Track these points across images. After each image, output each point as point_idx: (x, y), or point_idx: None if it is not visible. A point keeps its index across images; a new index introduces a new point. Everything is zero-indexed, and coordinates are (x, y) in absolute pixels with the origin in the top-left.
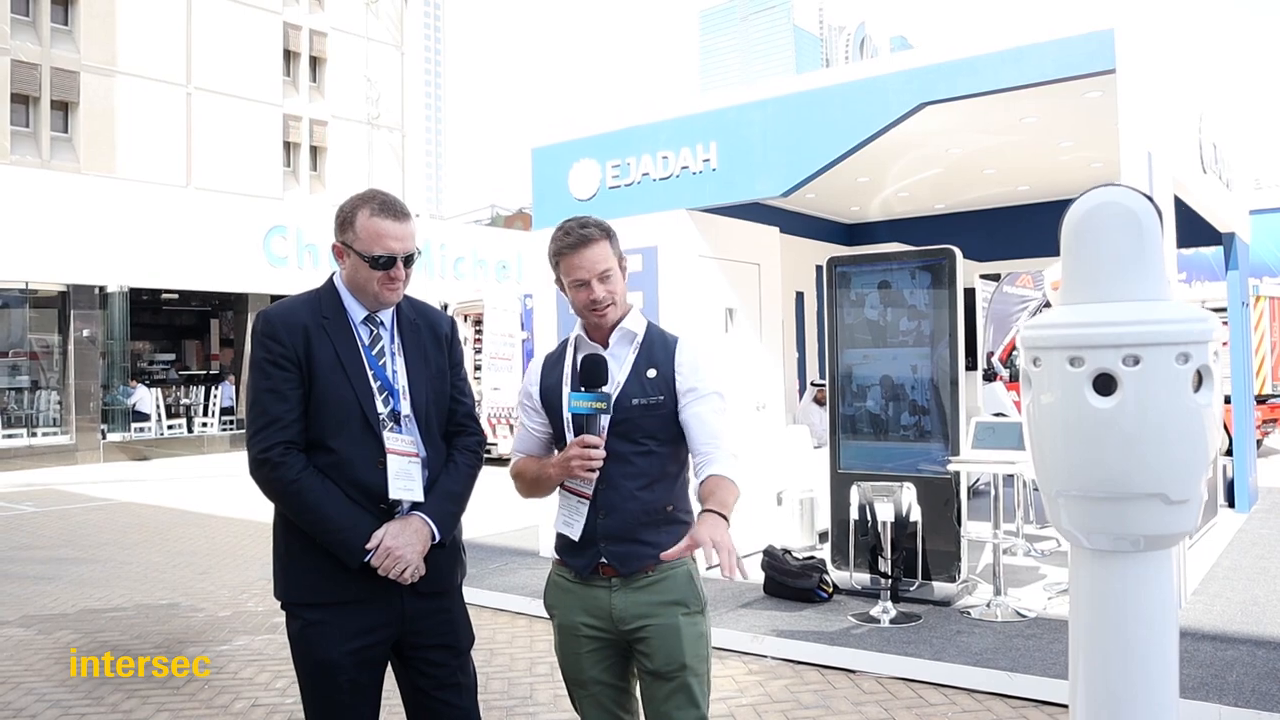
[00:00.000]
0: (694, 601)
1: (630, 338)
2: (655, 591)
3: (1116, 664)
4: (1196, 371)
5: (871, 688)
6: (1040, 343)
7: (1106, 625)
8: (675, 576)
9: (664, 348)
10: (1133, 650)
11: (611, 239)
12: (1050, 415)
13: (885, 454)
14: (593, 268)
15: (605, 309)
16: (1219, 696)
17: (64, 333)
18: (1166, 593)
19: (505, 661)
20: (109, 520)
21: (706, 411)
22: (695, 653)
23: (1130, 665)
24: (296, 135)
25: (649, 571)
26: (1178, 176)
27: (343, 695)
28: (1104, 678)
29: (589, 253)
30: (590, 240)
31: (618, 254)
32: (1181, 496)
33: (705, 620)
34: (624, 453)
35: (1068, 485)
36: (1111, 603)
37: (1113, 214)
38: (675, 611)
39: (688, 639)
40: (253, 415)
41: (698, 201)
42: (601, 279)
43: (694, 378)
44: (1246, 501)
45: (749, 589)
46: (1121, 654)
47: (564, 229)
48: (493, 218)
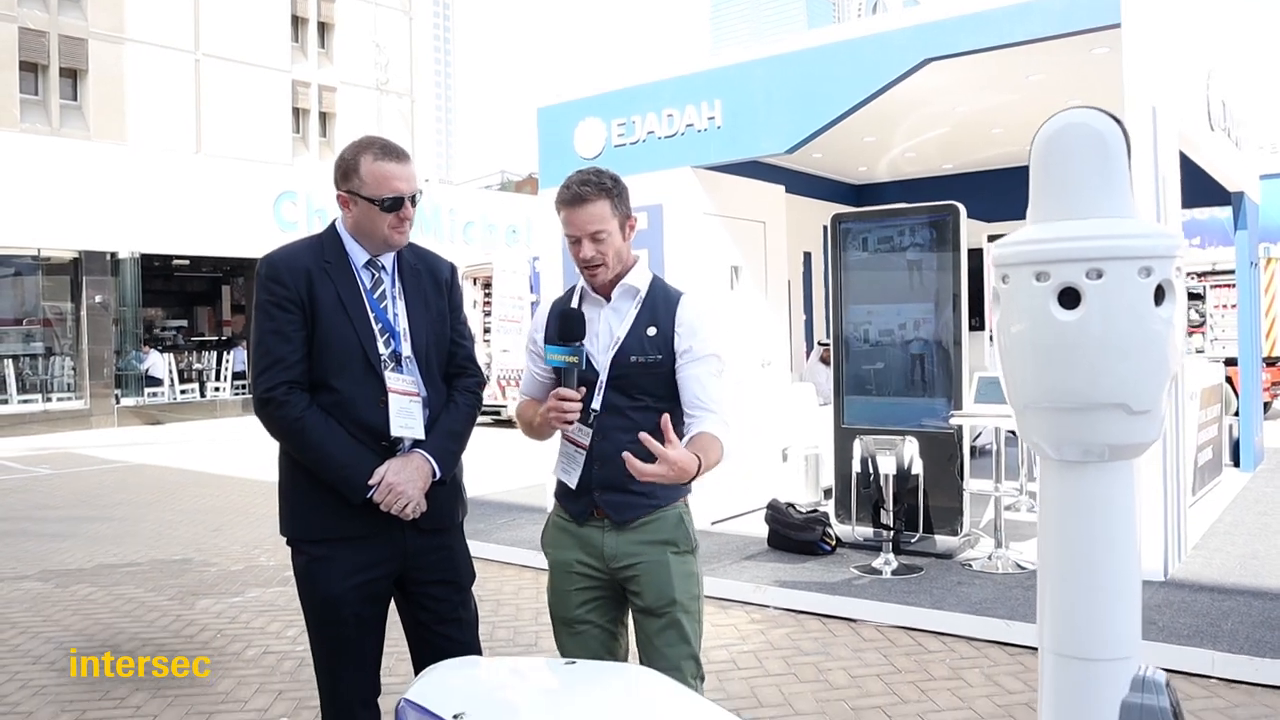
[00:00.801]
0: (684, 542)
1: (633, 293)
2: (646, 532)
3: (1083, 570)
4: (1159, 286)
5: (871, 635)
6: (1008, 259)
7: (1073, 533)
8: (666, 518)
9: (666, 306)
10: (1098, 556)
11: (613, 197)
12: (1017, 329)
13: (888, 409)
14: (584, 226)
15: (595, 268)
16: (1213, 643)
17: (76, 299)
18: (1130, 501)
19: (511, 611)
20: (123, 481)
21: (702, 374)
22: (685, 590)
23: (1096, 571)
24: (305, 101)
25: (643, 517)
26: (1184, 133)
27: (347, 629)
28: (1072, 584)
29: (582, 211)
30: (585, 199)
31: (621, 213)
32: (1143, 407)
33: (695, 560)
34: (620, 407)
35: (1035, 398)
36: (1079, 512)
37: (1079, 135)
38: (665, 550)
39: (677, 576)
40: (257, 356)
41: (703, 159)
42: (594, 239)
43: (692, 338)
44: (1252, 461)
45: (753, 542)
46: (1087, 559)
47: (567, 182)
48: (503, 183)
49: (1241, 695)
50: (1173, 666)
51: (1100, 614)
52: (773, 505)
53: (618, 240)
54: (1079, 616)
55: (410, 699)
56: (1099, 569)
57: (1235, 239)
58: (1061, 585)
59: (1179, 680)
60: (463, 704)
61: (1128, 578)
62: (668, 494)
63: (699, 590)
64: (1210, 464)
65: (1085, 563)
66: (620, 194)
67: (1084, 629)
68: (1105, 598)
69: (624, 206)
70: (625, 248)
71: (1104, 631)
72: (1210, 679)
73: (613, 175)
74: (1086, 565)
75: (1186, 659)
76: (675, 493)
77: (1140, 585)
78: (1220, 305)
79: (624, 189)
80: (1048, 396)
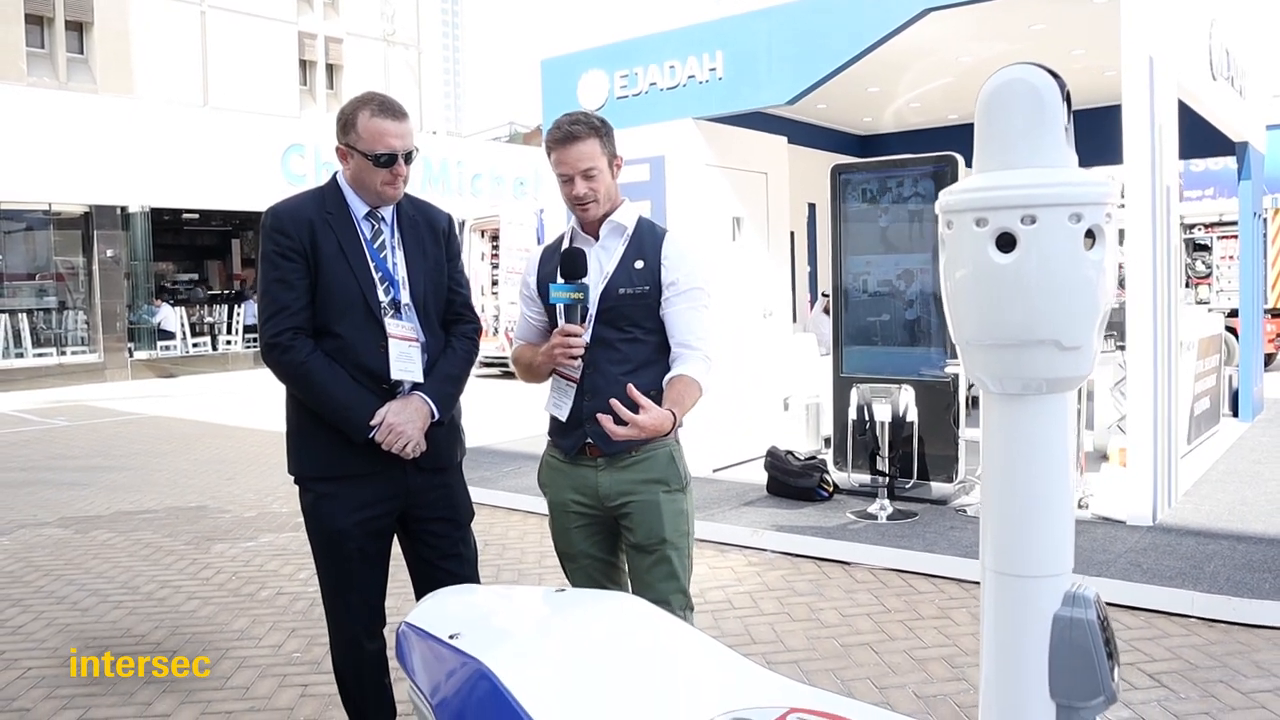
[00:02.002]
0: (675, 480)
1: (620, 231)
2: (638, 470)
3: (1022, 495)
4: (1089, 231)
5: (864, 577)
6: (952, 207)
7: (1013, 460)
8: (657, 457)
9: (652, 241)
10: (1035, 481)
11: (602, 136)
12: (960, 272)
13: (886, 358)
14: (576, 164)
15: (587, 205)
16: (1194, 584)
17: (88, 254)
18: (1064, 431)
19: (516, 555)
20: (138, 432)
21: (686, 308)
22: (675, 527)
23: (1033, 495)
24: (312, 53)
25: (632, 452)
26: (1183, 83)
27: (352, 562)
28: (1011, 507)
29: (574, 149)
30: (576, 137)
31: (609, 152)
32: (1074, 343)
33: (686, 498)
34: (610, 339)
35: (976, 335)
36: (1019, 441)
37: (1017, 90)
38: (656, 489)
39: (668, 514)
40: (263, 304)
41: (704, 111)
42: (585, 176)
43: (676, 270)
44: (1250, 411)
45: (752, 489)
46: (1025, 484)
47: (556, 123)
48: (511, 134)
49: (1218, 634)
50: (1154, 606)
51: (1036, 535)
52: (772, 453)
53: (607, 178)
54: (1016, 537)
55: (410, 622)
56: (1036, 494)
57: (1239, 189)
58: (1002, 509)
59: (1160, 620)
60: (458, 626)
61: (1061, 502)
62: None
63: (688, 527)
64: (1208, 413)
65: (1023, 488)
66: (608, 134)
67: (1021, 549)
68: (1041, 520)
69: (611, 146)
70: (614, 186)
71: (1039, 551)
72: (1190, 618)
73: (600, 116)
74: (1024, 490)
75: (1168, 599)
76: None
77: (1073, 508)
78: (1227, 256)
79: (610, 129)
80: (988, 334)
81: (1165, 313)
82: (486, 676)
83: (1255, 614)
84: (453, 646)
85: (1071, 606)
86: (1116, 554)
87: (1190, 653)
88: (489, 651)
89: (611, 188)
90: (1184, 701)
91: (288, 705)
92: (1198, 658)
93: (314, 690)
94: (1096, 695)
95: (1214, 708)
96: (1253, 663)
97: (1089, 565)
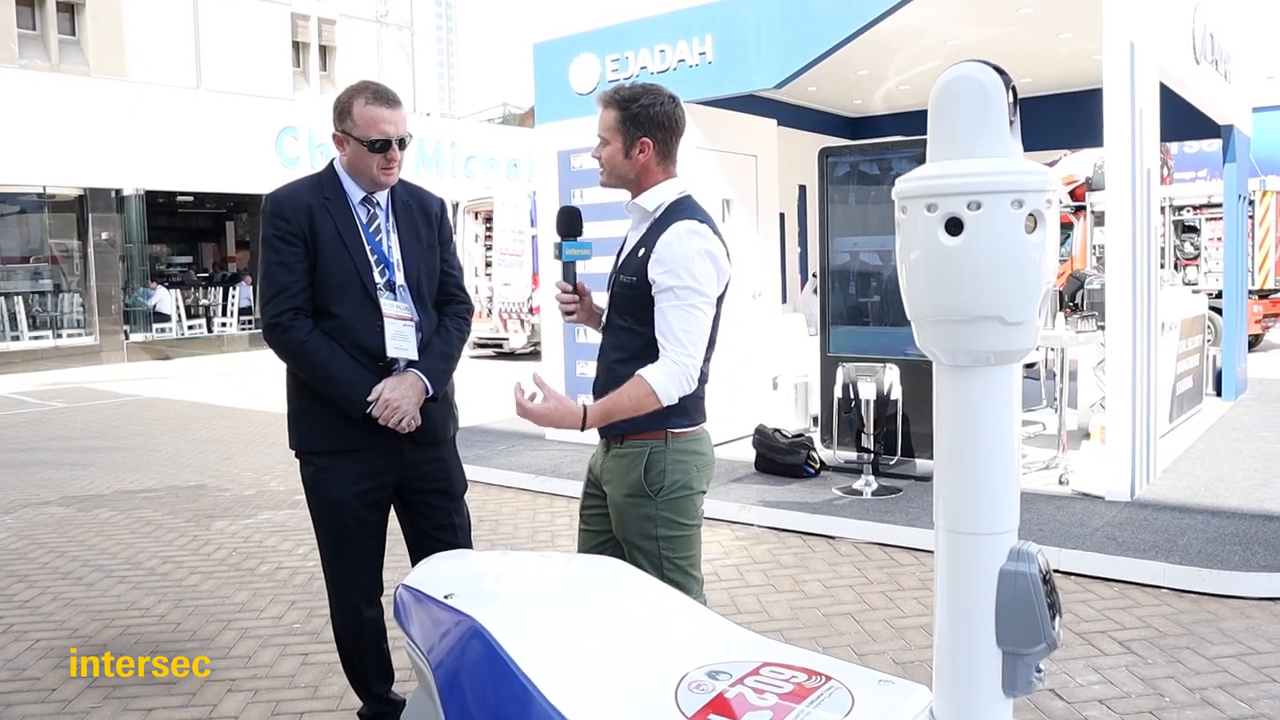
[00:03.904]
0: (636, 487)
1: (645, 215)
2: (619, 464)
3: (971, 458)
4: (1030, 215)
5: (848, 550)
6: (905, 193)
7: (963, 427)
8: (635, 455)
9: (660, 232)
10: (983, 446)
11: (624, 111)
12: (913, 253)
13: (872, 338)
14: (597, 128)
15: (600, 172)
16: (1167, 557)
17: (83, 237)
18: (1010, 400)
19: (510, 530)
20: (136, 414)
21: (666, 307)
22: (638, 531)
23: (982, 458)
24: (305, 35)
25: (619, 442)
26: (1166, 67)
27: (351, 532)
28: (962, 470)
29: (599, 115)
30: (603, 104)
31: (628, 130)
32: (1016, 319)
33: (654, 504)
34: (613, 325)
35: (929, 312)
36: (969, 409)
37: (965, 85)
38: (622, 491)
39: (629, 518)
40: (264, 286)
41: (694, 94)
42: (600, 143)
43: (659, 268)
44: (1234, 390)
45: (741, 466)
46: (974, 449)
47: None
48: (505, 115)
49: (1188, 603)
50: (1128, 578)
51: (984, 495)
52: (760, 430)
53: (616, 153)
54: (967, 497)
55: (407, 584)
56: (984, 457)
57: (1224, 172)
58: (954, 471)
59: (1134, 590)
60: (453, 586)
61: (1007, 464)
62: (637, 422)
63: (659, 531)
64: (1190, 393)
65: (972, 452)
66: (635, 115)
67: (971, 508)
68: (989, 481)
69: (635, 128)
70: (626, 165)
71: (987, 510)
72: (1162, 589)
73: (639, 98)
74: (974, 454)
75: (1141, 571)
76: (654, 424)
77: (1018, 470)
78: (1215, 238)
79: (645, 112)
80: (939, 311)
81: (1145, 293)
82: (480, 633)
83: (1224, 584)
84: (448, 605)
85: (1016, 561)
86: (1094, 528)
87: (1160, 621)
88: (482, 609)
89: (621, 165)
90: (1151, 666)
91: (289, 673)
92: (1167, 626)
93: (314, 659)
94: (1039, 643)
95: (1179, 672)
96: (1219, 630)
97: (1067, 539)
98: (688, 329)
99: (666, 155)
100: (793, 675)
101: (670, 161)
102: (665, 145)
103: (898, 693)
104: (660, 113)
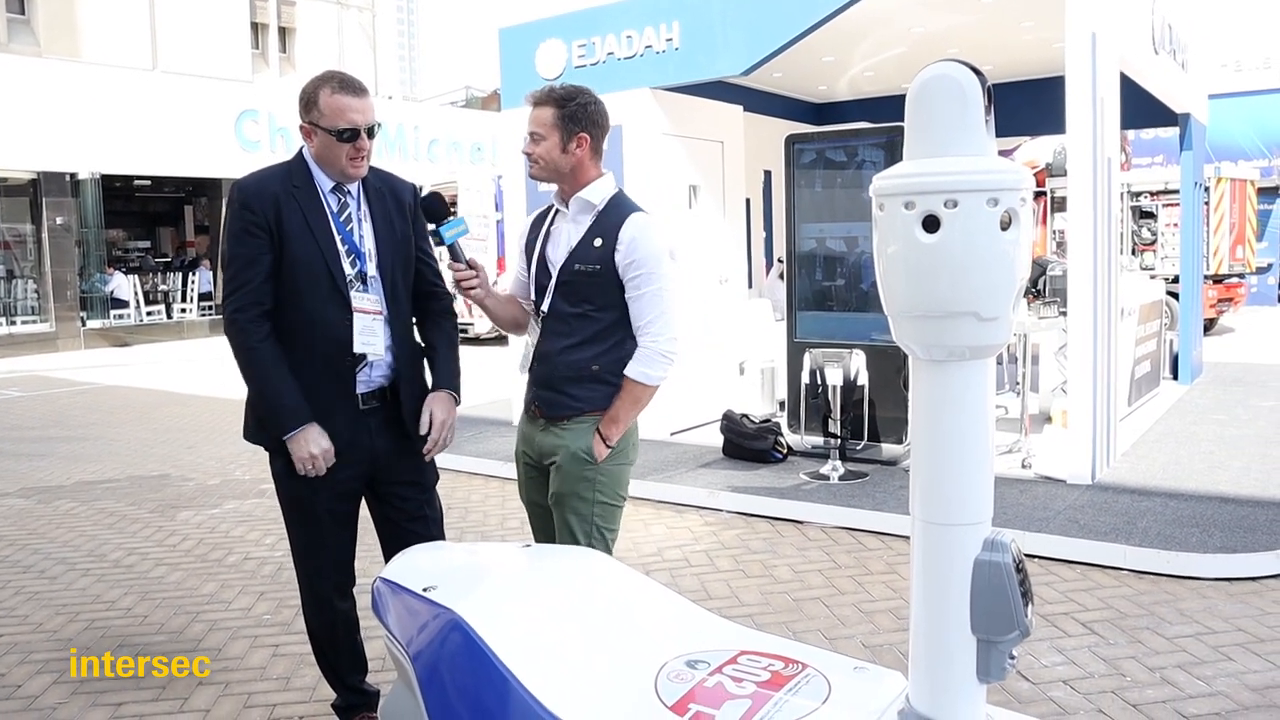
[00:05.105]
0: (588, 452)
1: (587, 207)
2: (565, 435)
3: (947, 450)
4: (1005, 213)
5: (816, 535)
6: (883, 191)
7: (939, 419)
8: (582, 429)
9: (615, 221)
10: (958, 438)
11: (561, 109)
12: (891, 249)
13: (838, 324)
14: (530, 125)
15: (531, 164)
16: (1127, 539)
17: (37, 221)
18: (984, 393)
19: (478, 519)
20: (95, 402)
21: (636, 295)
22: (578, 494)
23: (956, 451)
24: (264, 16)
25: (567, 420)
26: (1126, 57)
27: (322, 524)
28: (937, 462)
29: (532, 112)
30: (537, 103)
31: (565, 126)
32: (991, 315)
33: (599, 472)
34: (562, 313)
35: (906, 307)
36: (944, 402)
37: (942, 85)
38: (573, 456)
39: (572, 479)
40: (226, 278)
41: (661, 80)
42: (532, 137)
43: (628, 255)
44: (1189, 374)
45: (708, 451)
46: (949, 441)
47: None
48: (468, 99)
49: (1148, 584)
50: (1090, 560)
51: (959, 487)
52: (727, 416)
53: (553, 148)
54: (942, 489)
55: (385, 577)
56: (959, 449)
57: (1181, 159)
58: (929, 463)
59: (1095, 572)
60: (431, 579)
61: (982, 456)
62: (593, 400)
63: (595, 496)
64: (1148, 376)
65: (948, 444)
66: (573, 112)
67: (946, 499)
68: (964, 473)
69: (572, 124)
70: (563, 159)
71: (962, 501)
72: (1122, 570)
73: (575, 97)
74: (949, 446)
75: (1102, 553)
76: (602, 400)
77: (992, 462)
78: (1172, 224)
79: (582, 110)
80: (916, 306)
81: (1105, 280)
82: (460, 626)
83: (1182, 565)
84: (427, 599)
85: (991, 551)
86: (1056, 511)
87: (1121, 602)
88: (461, 602)
89: (558, 160)
90: (1112, 647)
91: (260, 665)
92: (1128, 607)
93: (285, 650)
94: (1012, 630)
95: (1140, 652)
96: (1177, 610)
97: (1029, 522)
98: (661, 311)
99: (597, 151)
100: (770, 663)
101: (599, 157)
102: (597, 141)
103: (873, 679)
104: (595, 111)
